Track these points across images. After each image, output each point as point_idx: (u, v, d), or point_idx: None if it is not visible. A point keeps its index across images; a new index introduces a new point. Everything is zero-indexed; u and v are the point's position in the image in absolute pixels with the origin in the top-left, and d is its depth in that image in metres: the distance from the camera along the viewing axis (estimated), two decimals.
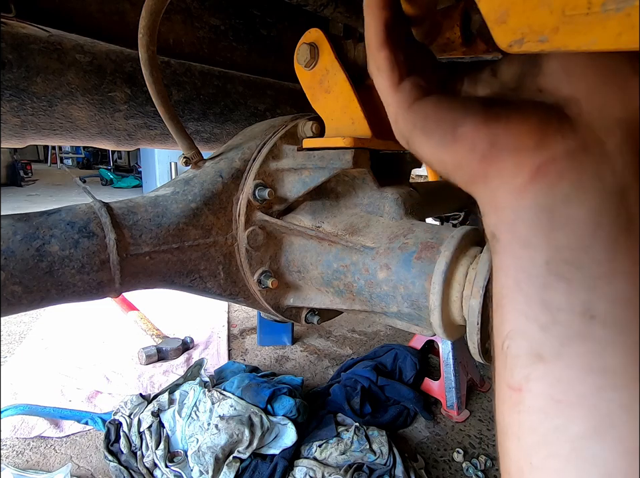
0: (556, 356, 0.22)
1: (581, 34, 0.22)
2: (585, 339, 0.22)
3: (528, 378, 0.23)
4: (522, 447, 0.24)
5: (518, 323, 0.24)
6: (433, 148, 0.28)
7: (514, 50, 0.25)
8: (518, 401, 0.24)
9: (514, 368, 0.24)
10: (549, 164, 0.23)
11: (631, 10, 0.20)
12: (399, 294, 0.48)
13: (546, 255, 0.23)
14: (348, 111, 0.50)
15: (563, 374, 0.22)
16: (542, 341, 0.23)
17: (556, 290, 0.23)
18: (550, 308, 0.23)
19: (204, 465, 1.09)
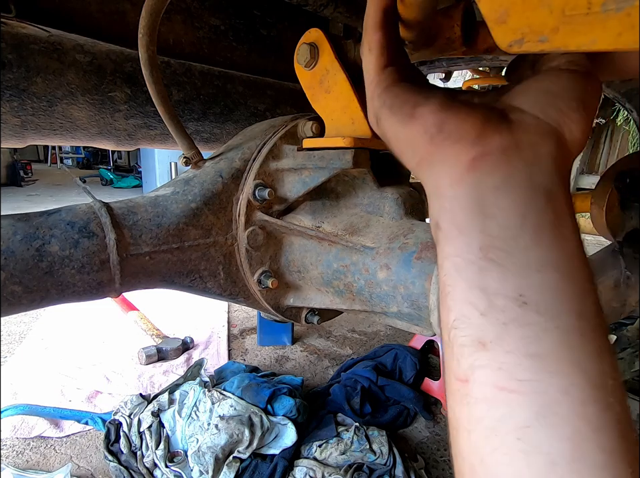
0: (497, 341, 0.23)
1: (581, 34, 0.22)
2: (521, 325, 0.22)
3: (472, 367, 0.24)
4: (472, 441, 0.24)
5: (461, 310, 0.25)
6: (394, 125, 0.31)
7: (514, 50, 0.25)
8: (465, 392, 0.24)
9: (460, 358, 0.24)
10: (484, 156, 0.25)
11: (631, 10, 0.20)
12: (399, 294, 0.48)
13: (480, 242, 0.24)
14: (348, 111, 0.50)
15: (504, 360, 0.22)
16: (483, 327, 0.23)
17: (491, 275, 0.24)
18: (487, 293, 0.23)
19: (204, 465, 1.09)
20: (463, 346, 0.24)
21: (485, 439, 0.23)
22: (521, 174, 0.25)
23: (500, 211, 0.24)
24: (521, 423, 0.21)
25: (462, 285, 0.25)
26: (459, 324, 0.25)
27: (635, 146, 4.36)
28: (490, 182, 0.25)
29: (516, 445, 0.21)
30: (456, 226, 0.26)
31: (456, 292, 0.25)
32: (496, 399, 0.22)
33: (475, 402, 0.23)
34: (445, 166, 0.27)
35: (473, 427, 0.24)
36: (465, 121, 0.27)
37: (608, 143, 4.90)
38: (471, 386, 0.24)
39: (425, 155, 0.28)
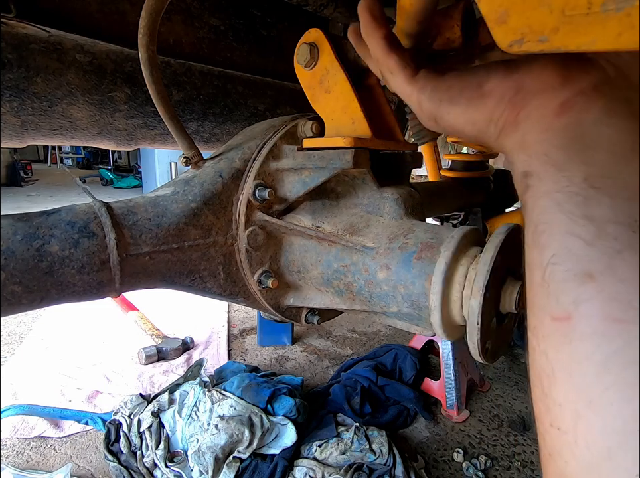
0: (607, 271, 0.21)
1: (581, 34, 0.22)
2: (636, 251, 0.21)
3: (577, 301, 0.22)
4: (575, 383, 0.21)
5: (562, 244, 0.23)
6: (462, 113, 0.31)
7: (514, 50, 0.25)
8: (566, 331, 0.22)
9: (560, 295, 0.23)
10: (577, 96, 0.25)
11: (631, 10, 0.20)
12: (399, 294, 0.48)
13: (584, 172, 0.23)
14: (348, 111, 0.50)
15: (618, 289, 0.21)
16: (590, 257, 0.22)
17: (599, 203, 0.22)
18: (595, 221, 0.22)
19: (204, 465, 1.09)
20: (565, 281, 0.22)
21: (595, 377, 0.20)
22: (621, 103, 0.24)
23: (605, 140, 0.23)
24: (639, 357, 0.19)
25: (563, 219, 0.23)
26: (558, 259, 0.23)
27: None
28: (588, 118, 0.24)
29: (635, 380, 0.19)
30: (553, 164, 0.25)
31: (555, 227, 0.24)
32: (609, 332, 0.20)
33: (580, 338, 0.21)
34: (531, 120, 0.27)
35: (576, 367, 0.21)
36: (542, 73, 0.27)
37: None
38: (576, 322, 0.22)
39: (508, 119, 0.28)
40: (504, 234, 0.41)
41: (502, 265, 0.40)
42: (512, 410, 1.54)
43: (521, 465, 1.28)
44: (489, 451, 1.34)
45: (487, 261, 0.39)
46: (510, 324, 0.48)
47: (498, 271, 0.40)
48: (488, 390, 1.66)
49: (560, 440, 0.22)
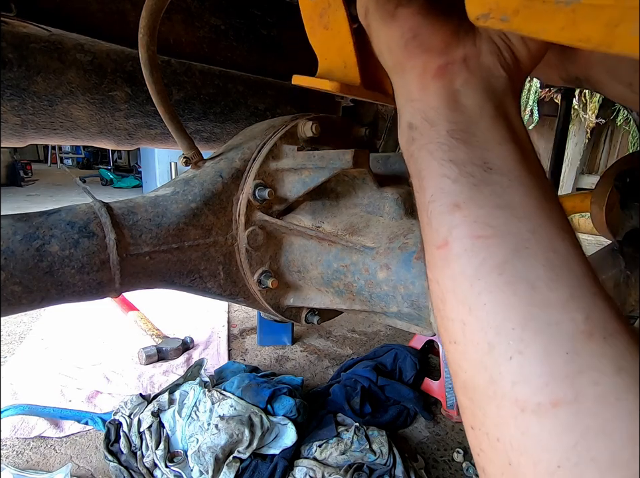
0: (469, 200, 0.26)
1: (534, 21, 0.22)
2: (488, 184, 0.26)
3: (450, 227, 0.26)
4: (458, 297, 0.25)
5: (436, 184, 0.28)
6: (376, 20, 0.34)
7: (479, 24, 0.25)
8: (445, 254, 0.26)
9: (439, 226, 0.27)
10: (448, 65, 0.30)
11: (576, 6, 0.20)
12: (399, 294, 0.47)
13: (447, 127, 0.29)
14: (342, 53, 0.46)
15: (478, 213, 0.26)
16: (456, 191, 0.27)
17: (459, 149, 0.28)
18: (457, 163, 0.27)
19: (204, 465, 1.09)
20: (441, 213, 0.27)
21: (470, 287, 0.25)
22: (477, 79, 0.29)
23: (461, 105, 0.29)
24: (500, 260, 0.24)
25: (435, 164, 0.28)
26: (435, 197, 0.28)
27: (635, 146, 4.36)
28: (453, 86, 0.30)
29: (499, 279, 0.24)
30: (427, 120, 0.30)
31: (430, 171, 0.29)
32: (474, 247, 0.25)
33: (456, 258, 0.26)
34: (415, 73, 0.31)
35: (457, 283, 0.25)
36: (437, 32, 0.31)
37: (608, 143, 4.89)
38: (451, 245, 0.26)
39: (400, 59, 0.32)
40: None
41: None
42: None
43: None
44: None
45: None
46: None
47: None
48: None
49: (457, 353, 0.26)
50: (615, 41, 0.19)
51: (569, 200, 1.33)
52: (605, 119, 4.55)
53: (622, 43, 0.19)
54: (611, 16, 0.19)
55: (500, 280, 0.24)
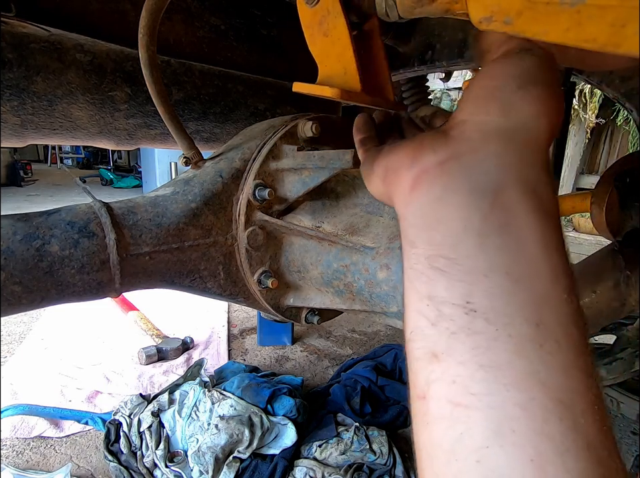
0: (448, 352, 0.22)
1: (538, 23, 0.22)
2: (470, 333, 0.21)
3: (428, 381, 0.22)
4: (433, 468, 0.22)
5: (415, 322, 0.24)
6: (368, 184, 0.36)
7: (483, 27, 0.25)
8: (424, 410, 0.23)
9: (418, 372, 0.23)
10: (422, 175, 0.27)
11: (581, 7, 0.20)
12: (399, 294, 0.47)
13: (426, 252, 0.25)
14: (342, 59, 0.47)
15: (457, 372, 0.21)
16: (434, 338, 0.23)
17: (438, 283, 0.23)
18: (435, 302, 0.23)
19: (204, 465, 1.09)
20: (418, 359, 0.23)
21: (446, 465, 0.21)
22: (459, 180, 0.25)
23: (442, 220, 0.25)
24: (479, 444, 0.19)
25: (414, 297, 0.25)
26: (413, 336, 0.24)
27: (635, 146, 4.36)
28: (430, 195, 0.26)
29: (476, 469, 0.19)
30: (408, 241, 0.27)
31: (410, 303, 0.25)
32: (452, 416, 0.21)
33: (433, 421, 0.22)
34: (396, 195, 0.30)
35: (434, 451, 0.22)
36: (400, 154, 0.30)
37: (608, 143, 4.89)
38: (428, 402, 0.22)
39: (386, 192, 0.32)
40: None
41: None
42: None
43: None
44: None
45: None
46: None
47: None
48: None
49: None
50: (622, 41, 0.19)
51: (569, 200, 1.33)
52: (605, 119, 4.56)
53: (629, 43, 0.19)
54: (616, 16, 0.19)
55: (478, 471, 0.19)
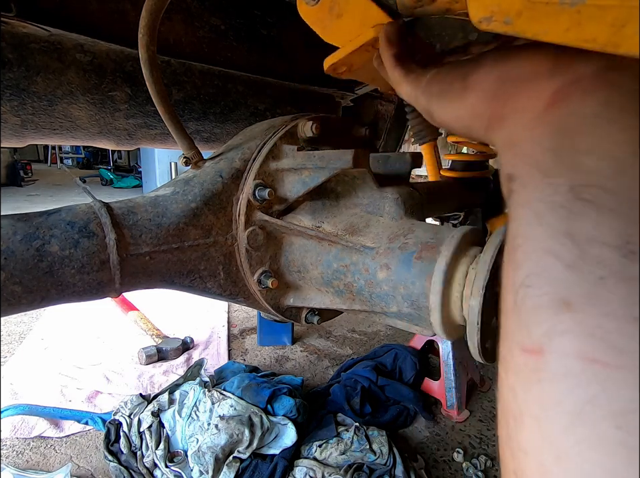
0: (588, 301, 0.18)
1: (538, 23, 0.22)
2: (624, 279, 0.17)
3: (551, 333, 0.18)
4: (543, 431, 0.18)
5: (538, 264, 0.20)
6: (450, 107, 0.29)
7: (482, 27, 0.25)
8: (537, 367, 0.19)
9: (532, 324, 0.19)
10: (571, 85, 0.21)
11: (581, 7, 0.20)
12: (399, 294, 0.47)
13: (571, 180, 0.19)
14: (369, 19, 0.43)
15: (598, 324, 0.17)
16: (569, 283, 0.18)
17: (585, 218, 0.19)
18: (578, 241, 0.18)
19: (204, 465, 1.09)
20: (538, 307, 0.19)
21: (566, 428, 0.17)
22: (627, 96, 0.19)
23: (602, 141, 0.19)
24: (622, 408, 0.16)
25: (541, 233, 0.20)
26: (533, 281, 0.20)
27: None
28: (583, 111, 0.20)
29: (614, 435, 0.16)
30: (539, 169, 0.21)
31: (531, 243, 0.20)
32: (584, 374, 0.17)
33: (552, 379, 0.18)
34: (519, 113, 0.23)
35: (546, 412, 0.18)
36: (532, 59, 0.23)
37: None
38: (548, 358, 0.18)
39: (494, 114, 0.25)
40: (505, 233, 0.41)
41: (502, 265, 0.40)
42: None
43: None
44: (489, 451, 1.34)
45: (487, 261, 0.39)
46: None
47: (498, 271, 0.40)
48: (488, 390, 1.66)
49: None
50: (621, 41, 0.19)
51: None
52: None
53: (629, 43, 0.19)
54: (616, 16, 0.19)
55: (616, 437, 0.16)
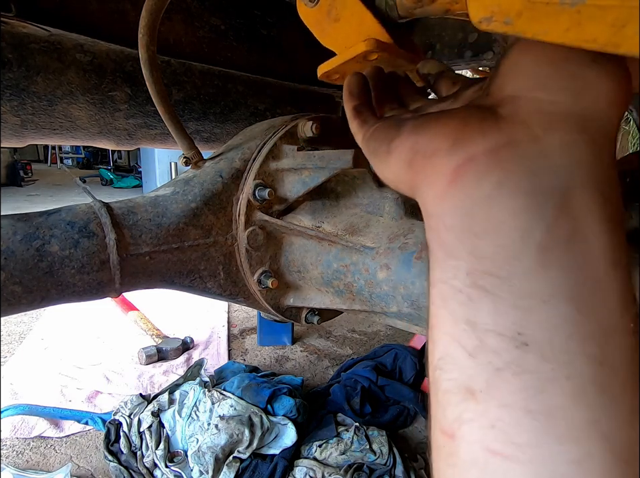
0: (488, 391, 0.18)
1: (538, 23, 0.22)
2: (519, 372, 0.18)
3: (460, 420, 0.19)
4: None
5: (447, 348, 0.20)
6: (380, 167, 0.28)
7: (483, 27, 0.25)
8: (451, 451, 0.19)
9: (446, 406, 0.20)
10: (467, 164, 0.21)
11: (581, 7, 0.20)
12: (399, 294, 0.47)
13: (468, 266, 0.20)
14: (364, 28, 0.45)
15: (497, 415, 0.18)
16: (472, 371, 0.19)
17: (481, 307, 0.19)
18: (476, 329, 0.19)
19: (204, 465, 1.09)
20: (448, 392, 0.20)
21: None
22: (517, 177, 0.19)
23: (494, 226, 0.19)
24: None
25: (448, 318, 0.20)
26: (443, 364, 0.20)
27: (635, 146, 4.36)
28: (479, 192, 0.20)
29: None
30: (442, 247, 0.21)
31: (441, 325, 0.21)
32: (488, 466, 0.18)
33: (462, 466, 0.19)
34: (427, 185, 0.23)
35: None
36: (437, 133, 0.23)
37: None
38: (458, 444, 0.19)
39: (410, 181, 0.25)
40: None
41: None
42: None
43: None
44: None
45: None
46: None
47: None
48: None
49: None
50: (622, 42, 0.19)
51: None
52: None
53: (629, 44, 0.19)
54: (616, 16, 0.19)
55: None
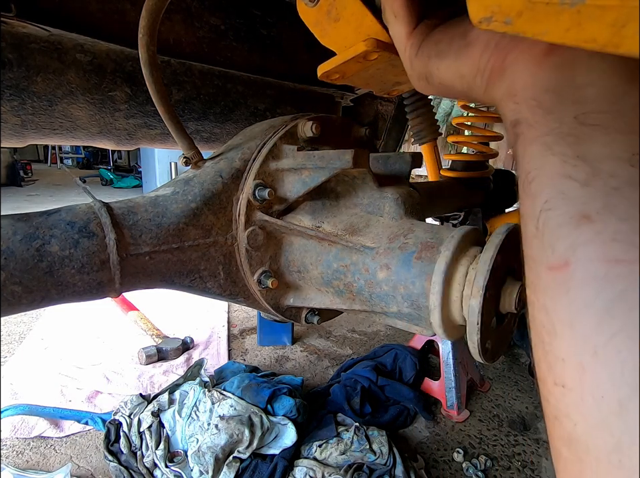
0: (605, 210, 0.19)
1: (538, 23, 0.22)
2: (637, 186, 0.19)
3: (574, 246, 0.20)
4: (577, 334, 0.19)
5: (555, 188, 0.21)
6: (450, 66, 0.29)
7: (482, 27, 0.25)
8: (564, 279, 0.20)
9: (555, 242, 0.21)
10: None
11: (581, 7, 0.20)
12: (399, 294, 0.47)
13: (575, 111, 0.21)
14: (364, 28, 0.45)
15: (617, 229, 0.19)
16: (586, 198, 0.20)
17: (593, 140, 0.21)
18: (590, 160, 0.20)
19: (204, 465, 1.09)
20: (560, 226, 0.21)
21: (598, 325, 0.19)
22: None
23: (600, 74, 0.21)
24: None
25: (555, 161, 0.22)
26: (551, 204, 0.21)
27: None
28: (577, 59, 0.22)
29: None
30: (542, 108, 0.23)
31: (545, 172, 0.22)
32: (610, 275, 0.19)
33: (579, 286, 0.20)
34: (519, 63, 0.24)
35: (577, 317, 0.20)
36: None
37: None
38: (573, 268, 0.20)
39: (495, 67, 0.26)
40: (504, 233, 0.41)
41: (502, 265, 0.40)
42: (512, 410, 1.54)
43: (521, 465, 1.28)
44: (489, 451, 1.34)
45: (487, 260, 0.39)
46: (510, 324, 0.48)
47: (498, 271, 0.40)
48: (488, 390, 1.66)
49: (566, 399, 0.20)
50: (621, 42, 0.19)
51: None
52: None
53: (629, 43, 0.19)
54: (616, 16, 0.19)
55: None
